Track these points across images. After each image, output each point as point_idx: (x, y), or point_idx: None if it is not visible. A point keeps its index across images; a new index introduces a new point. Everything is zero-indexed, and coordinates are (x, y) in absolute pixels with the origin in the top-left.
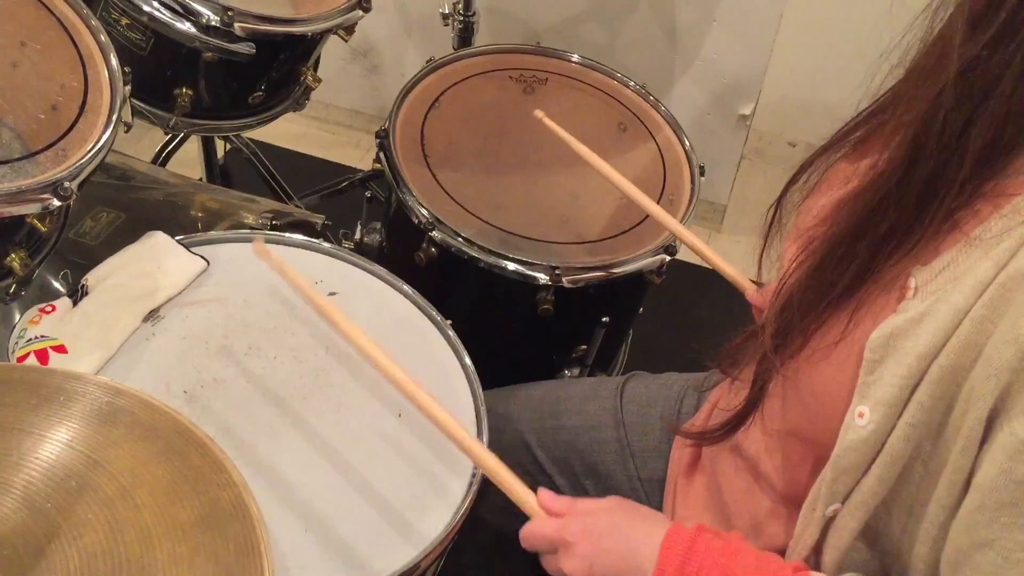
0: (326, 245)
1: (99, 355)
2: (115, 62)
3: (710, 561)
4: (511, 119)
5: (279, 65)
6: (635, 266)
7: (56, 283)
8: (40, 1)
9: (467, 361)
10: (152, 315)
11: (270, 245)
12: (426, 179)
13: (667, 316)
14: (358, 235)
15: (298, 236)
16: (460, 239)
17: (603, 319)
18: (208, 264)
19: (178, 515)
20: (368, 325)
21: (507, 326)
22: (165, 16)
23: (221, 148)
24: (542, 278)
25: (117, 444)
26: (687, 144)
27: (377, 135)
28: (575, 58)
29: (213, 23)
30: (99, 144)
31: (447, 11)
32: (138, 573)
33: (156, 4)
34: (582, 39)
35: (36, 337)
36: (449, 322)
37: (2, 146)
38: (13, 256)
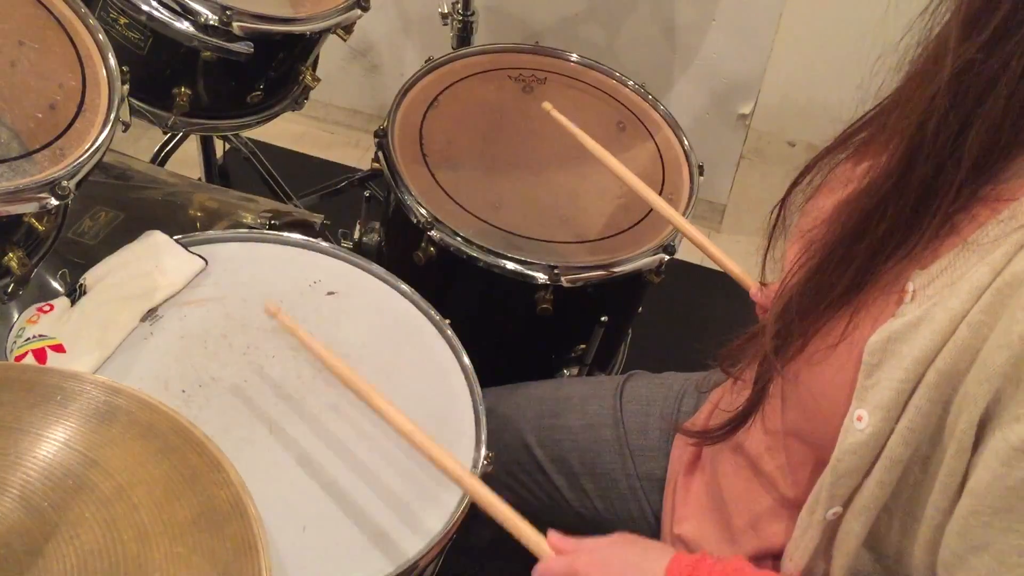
0: (325, 245)
1: (97, 354)
2: (113, 61)
3: None
4: (510, 118)
5: (278, 64)
6: (634, 265)
7: (54, 282)
8: (38, 0)
9: (466, 360)
10: (150, 314)
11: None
12: (425, 178)
13: (666, 316)
14: (357, 235)
15: (297, 236)
16: (459, 238)
17: (602, 318)
18: (206, 263)
19: (175, 514)
20: (367, 324)
21: (506, 325)
22: (163, 15)
23: (220, 147)
24: (541, 277)
25: (115, 443)
26: (686, 143)
27: (376, 134)
28: (574, 57)
29: (211, 22)
30: (97, 143)
31: (446, 10)
32: (135, 572)
33: (154, 3)
34: (581, 38)
35: (34, 336)
36: (448, 321)
37: (0, 145)
38: (11, 255)
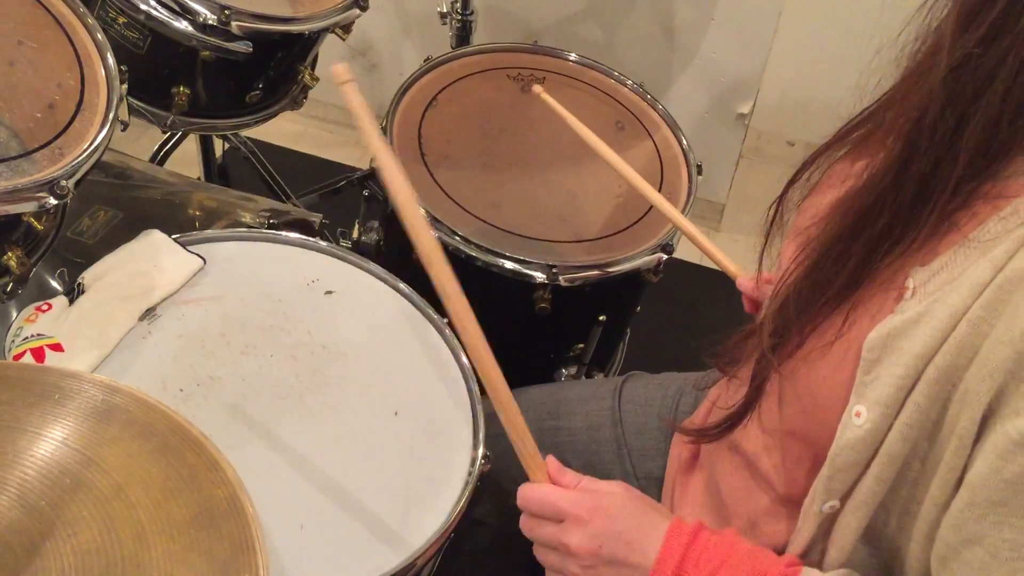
0: (324, 244)
1: (95, 353)
2: (112, 61)
3: (709, 552)
4: (509, 118)
5: (277, 64)
6: (632, 264)
7: (53, 281)
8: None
9: (464, 360)
10: (148, 313)
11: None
12: (423, 177)
13: (665, 315)
14: (356, 234)
15: (296, 235)
16: (457, 237)
17: (600, 318)
18: (205, 262)
19: (173, 513)
20: (366, 323)
21: (504, 325)
22: (162, 15)
23: (219, 147)
24: (539, 276)
25: (112, 442)
26: (685, 143)
27: None
28: (573, 57)
29: (210, 22)
30: (96, 143)
31: (445, 10)
32: (133, 571)
33: (153, 3)
34: (580, 38)
35: (32, 335)
36: (446, 320)
37: None
38: (10, 254)
